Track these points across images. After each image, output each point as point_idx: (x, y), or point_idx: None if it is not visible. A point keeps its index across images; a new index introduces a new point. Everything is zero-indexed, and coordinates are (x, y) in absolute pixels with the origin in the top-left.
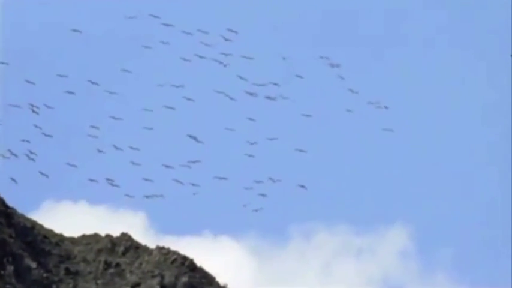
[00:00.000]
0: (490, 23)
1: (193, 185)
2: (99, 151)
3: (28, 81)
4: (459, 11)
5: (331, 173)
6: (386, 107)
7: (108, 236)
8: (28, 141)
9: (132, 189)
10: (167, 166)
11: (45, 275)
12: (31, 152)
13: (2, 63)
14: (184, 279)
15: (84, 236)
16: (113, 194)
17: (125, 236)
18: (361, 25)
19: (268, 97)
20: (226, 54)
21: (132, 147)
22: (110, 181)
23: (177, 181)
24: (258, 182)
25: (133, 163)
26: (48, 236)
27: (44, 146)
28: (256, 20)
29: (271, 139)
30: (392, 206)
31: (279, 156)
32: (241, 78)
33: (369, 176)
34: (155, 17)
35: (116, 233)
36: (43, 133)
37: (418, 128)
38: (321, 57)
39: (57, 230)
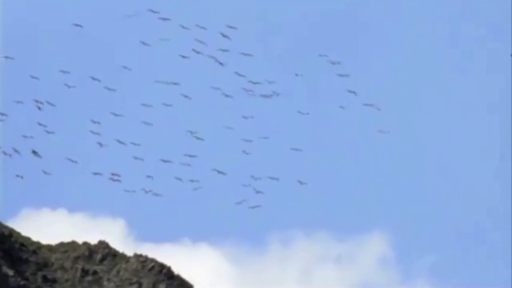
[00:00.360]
0: (490, 22)
1: (192, 181)
2: (101, 145)
3: (33, 77)
4: (459, 11)
5: (316, 174)
6: (379, 109)
7: (85, 244)
8: (32, 137)
9: (132, 184)
10: (165, 161)
11: (22, 282)
12: (34, 152)
13: (7, 57)
14: (162, 286)
15: (61, 244)
16: (92, 201)
17: (102, 244)
18: (360, 24)
19: (264, 95)
20: (224, 51)
21: (133, 143)
22: (115, 175)
23: (177, 178)
24: (255, 179)
25: (136, 158)
26: (25, 243)
27: (46, 143)
28: (255, 17)
29: (265, 137)
30: (372, 213)
31: (274, 154)
32: (239, 75)
33: (349, 182)
34: (154, 12)
35: (94, 240)
36: (46, 130)
37: (411, 130)
38: (320, 55)
39: (35, 238)
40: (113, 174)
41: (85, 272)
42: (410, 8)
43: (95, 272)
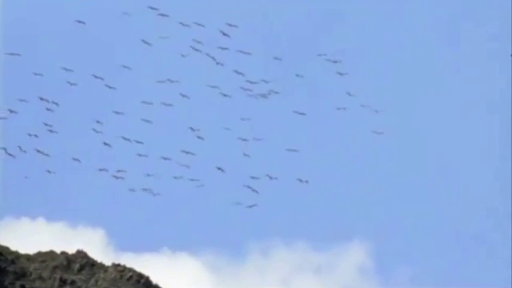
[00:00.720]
0: (490, 22)
1: (192, 180)
2: (106, 144)
3: (36, 74)
4: (459, 11)
5: (313, 175)
6: (377, 111)
7: (63, 253)
8: (35, 136)
9: (133, 183)
10: (165, 158)
11: None
12: (38, 151)
13: (13, 54)
14: None
15: (39, 253)
16: (71, 210)
17: (80, 253)
18: (360, 23)
19: (262, 94)
20: (223, 49)
21: (136, 141)
22: (120, 172)
23: (176, 177)
24: (253, 178)
25: (139, 155)
26: (4, 253)
27: (49, 141)
28: (254, 15)
29: (259, 139)
30: (351, 222)
31: (271, 154)
32: (237, 73)
33: (329, 192)
34: (153, 9)
35: (73, 250)
36: (49, 130)
37: (410, 130)
38: (319, 55)
39: (13, 247)
40: (118, 171)
41: (63, 282)
42: (410, 8)
43: (73, 282)
